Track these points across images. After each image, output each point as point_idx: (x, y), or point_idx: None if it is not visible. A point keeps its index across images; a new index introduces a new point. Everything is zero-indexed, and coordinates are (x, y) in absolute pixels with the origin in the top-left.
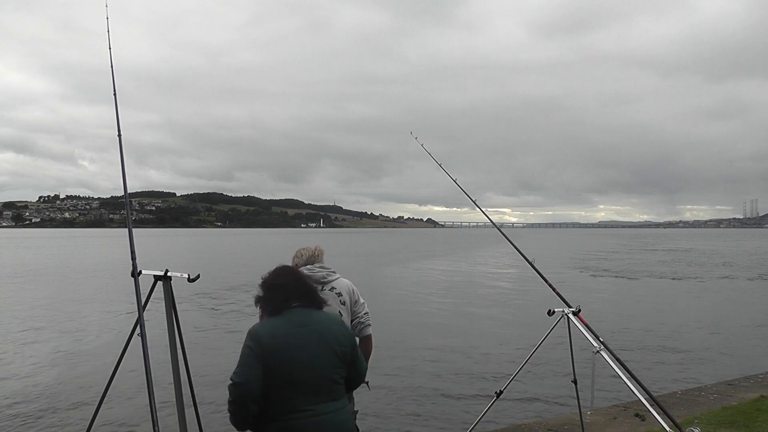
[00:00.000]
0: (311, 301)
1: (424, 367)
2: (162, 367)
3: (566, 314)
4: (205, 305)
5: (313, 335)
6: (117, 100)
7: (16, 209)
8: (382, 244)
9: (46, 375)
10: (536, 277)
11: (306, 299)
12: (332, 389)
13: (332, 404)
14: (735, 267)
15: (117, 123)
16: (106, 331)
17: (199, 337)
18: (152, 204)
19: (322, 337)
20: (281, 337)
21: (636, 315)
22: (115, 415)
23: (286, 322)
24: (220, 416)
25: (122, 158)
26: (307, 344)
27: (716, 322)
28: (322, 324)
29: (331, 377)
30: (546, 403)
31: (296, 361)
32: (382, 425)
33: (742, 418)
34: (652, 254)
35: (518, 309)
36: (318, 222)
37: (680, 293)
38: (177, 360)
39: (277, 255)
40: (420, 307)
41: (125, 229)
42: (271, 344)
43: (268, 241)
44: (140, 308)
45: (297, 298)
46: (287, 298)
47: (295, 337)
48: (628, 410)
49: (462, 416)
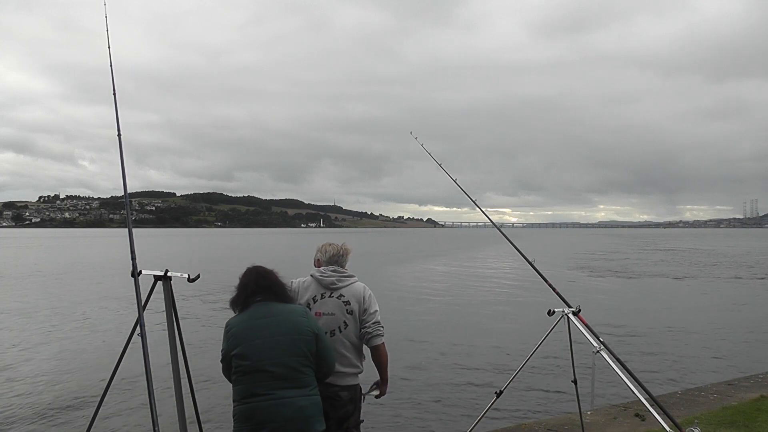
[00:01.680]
0: (274, 295)
1: (424, 367)
2: (162, 367)
3: (566, 314)
4: (205, 305)
5: (272, 325)
6: (117, 100)
7: (16, 209)
8: (382, 244)
9: (46, 375)
10: (536, 277)
11: (269, 293)
12: (294, 377)
13: (293, 391)
14: (735, 267)
15: (117, 123)
16: (106, 331)
17: (199, 337)
18: (152, 204)
19: (281, 326)
20: (244, 329)
21: (636, 315)
22: (115, 415)
23: (249, 316)
24: (220, 416)
25: (122, 158)
26: (266, 334)
27: (716, 322)
28: (281, 315)
29: (291, 365)
30: (546, 403)
31: (256, 350)
32: (381, 425)
33: (742, 418)
34: (652, 254)
35: (518, 309)
36: (318, 222)
37: (680, 293)
38: (177, 360)
39: (278, 255)
40: (420, 307)
41: (125, 229)
42: (235, 334)
43: (268, 241)
44: (140, 308)
45: (260, 293)
46: (252, 293)
47: (254, 328)
48: (628, 410)
49: (462, 416)
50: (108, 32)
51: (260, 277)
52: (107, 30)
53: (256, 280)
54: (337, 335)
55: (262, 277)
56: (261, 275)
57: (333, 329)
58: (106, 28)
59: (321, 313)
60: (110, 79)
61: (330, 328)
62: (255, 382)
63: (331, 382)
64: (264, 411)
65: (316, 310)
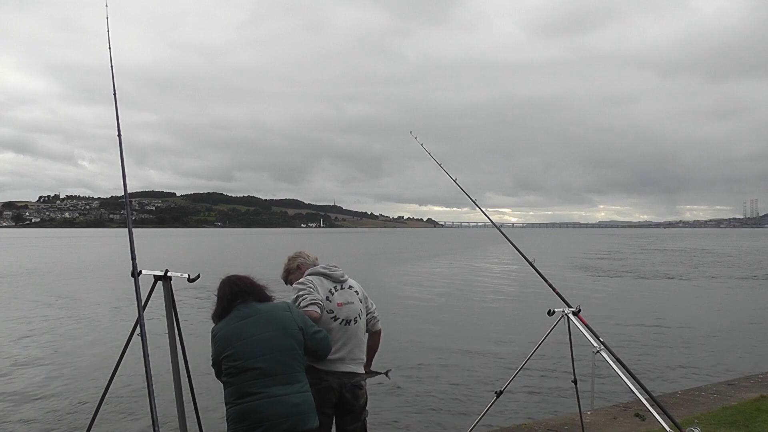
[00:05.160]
0: (252, 296)
1: (424, 367)
2: (162, 367)
3: (566, 314)
4: (205, 305)
5: (258, 323)
6: (117, 100)
7: (16, 209)
8: (382, 244)
9: (45, 375)
10: (536, 277)
11: (247, 296)
12: (284, 372)
13: (285, 387)
14: (734, 267)
15: (117, 123)
16: (106, 331)
17: (199, 337)
18: (152, 204)
19: (266, 323)
20: (229, 331)
21: (636, 315)
22: (115, 415)
23: (232, 318)
24: (220, 416)
25: (122, 158)
26: (252, 332)
27: (716, 322)
28: (265, 312)
29: (281, 360)
30: (546, 403)
31: (244, 350)
32: (381, 425)
33: (742, 418)
34: (652, 254)
35: (518, 309)
36: (318, 222)
37: (680, 293)
38: (177, 360)
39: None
40: (419, 307)
41: (125, 229)
42: (222, 338)
43: (268, 241)
44: (140, 308)
45: (239, 297)
46: (230, 301)
47: (239, 329)
48: (628, 410)
49: (462, 416)
50: (109, 33)
51: (233, 284)
52: (108, 31)
53: (230, 289)
54: (358, 322)
55: (236, 284)
56: (234, 282)
57: (355, 317)
58: (107, 29)
59: (342, 304)
60: (110, 79)
61: (352, 316)
62: (246, 381)
63: (355, 371)
64: (257, 410)
65: (337, 301)
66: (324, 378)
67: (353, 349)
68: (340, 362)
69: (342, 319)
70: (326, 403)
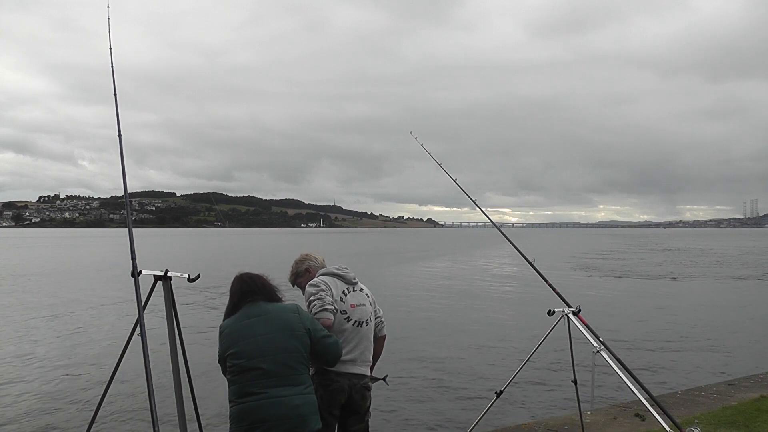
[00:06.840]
0: (263, 296)
1: (424, 367)
2: (162, 367)
3: (566, 314)
4: (205, 305)
5: (265, 323)
6: (117, 100)
7: (16, 209)
8: (382, 244)
9: (45, 375)
10: (536, 277)
11: (257, 295)
12: (287, 374)
13: (288, 389)
14: (734, 267)
15: (117, 123)
16: (106, 331)
17: (199, 337)
18: (152, 204)
19: (273, 324)
20: (237, 328)
21: (636, 315)
22: (115, 415)
23: (241, 316)
24: (220, 416)
25: (122, 158)
26: (259, 331)
27: (716, 322)
28: (273, 313)
29: (285, 362)
30: (546, 403)
31: (247, 349)
32: (381, 425)
33: (742, 418)
34: (652, 254)
35: (518, 309)
36: (318, 222)
37: (680, 293)
38: (177, 360)
39: (277, 254)
40: (419, 307)
41: (125, 229)
42: (228, 335)
43: (268, 241)
44: (140, 308)
45: (249, 296)
46: (241, 298)
47: (246, 327)
48: (628, 410)
49: (462, 416)
50: (110, 33)
51: (244, 282)
52: (109, 32)
53: (241, 286)
54: (369, 325)
55: (246, 283)
56: (245, 281)
57: (366, 319)
58: (108, 29)
59: (355, 305)
60: (109, 79)
61: (364, 318)
62: (249, 380)
63: (364, 373)
64: (258, 410)
65: (350, 302)
66: (335, 379)
67: (364, 351)
68: (351, 364)
69: (355, 320)
70: (335, 404)
